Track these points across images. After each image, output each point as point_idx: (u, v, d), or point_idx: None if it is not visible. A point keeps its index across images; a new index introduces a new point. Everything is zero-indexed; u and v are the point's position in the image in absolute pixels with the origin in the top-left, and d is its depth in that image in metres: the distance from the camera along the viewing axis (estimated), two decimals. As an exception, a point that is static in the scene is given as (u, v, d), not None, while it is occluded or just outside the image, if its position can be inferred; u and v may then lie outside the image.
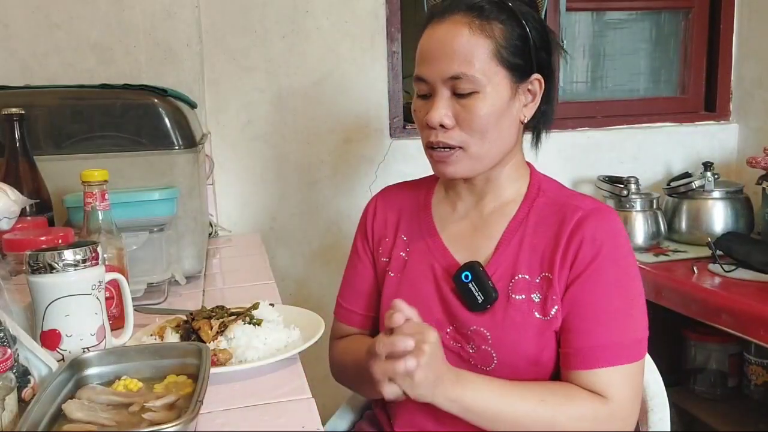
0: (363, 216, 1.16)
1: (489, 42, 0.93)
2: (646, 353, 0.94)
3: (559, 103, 2.22)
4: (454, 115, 0.94)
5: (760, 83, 2.19)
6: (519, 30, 0.94)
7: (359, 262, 1.13)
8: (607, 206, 1.00)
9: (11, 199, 0.97)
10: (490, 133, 0.95)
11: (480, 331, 0.96)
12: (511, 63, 0.94)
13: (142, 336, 0.93)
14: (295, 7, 1.89)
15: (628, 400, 0.91)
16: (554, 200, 0.99)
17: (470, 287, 0.96)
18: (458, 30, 0.93)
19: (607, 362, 0.90)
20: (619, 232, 0.96)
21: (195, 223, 1.29)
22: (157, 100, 1.24)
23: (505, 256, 0.98)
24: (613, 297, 0.92)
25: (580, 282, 0.92)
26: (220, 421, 0.73)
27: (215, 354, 0.84)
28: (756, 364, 1.97)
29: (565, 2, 2.13)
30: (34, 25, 1.66)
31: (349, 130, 1.97)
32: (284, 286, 1.35)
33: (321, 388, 0.98)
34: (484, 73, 0.92)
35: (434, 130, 0.95)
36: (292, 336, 0.91)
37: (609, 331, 0.91)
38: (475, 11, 0.94)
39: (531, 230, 0.98)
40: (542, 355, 0.94)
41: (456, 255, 1.02)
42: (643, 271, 1.79)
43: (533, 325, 0.94)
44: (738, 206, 1.96)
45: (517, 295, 0.95)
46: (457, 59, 0.92)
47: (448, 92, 0.94)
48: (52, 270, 0.77)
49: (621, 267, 0.94)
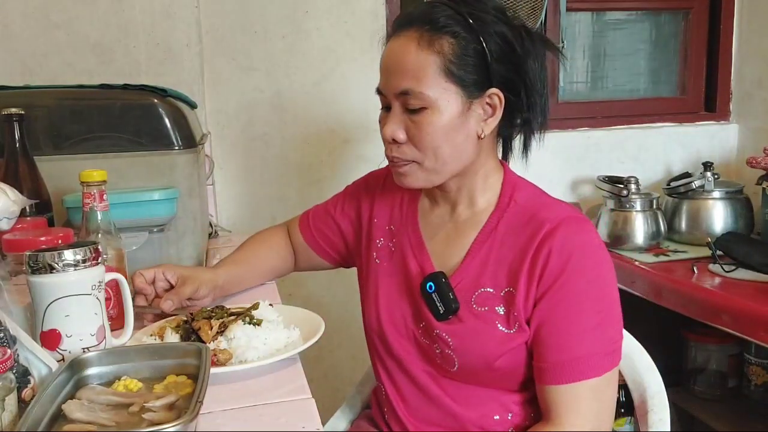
0: (365, 183, 1.18)
1: (437, 58, 0.91)
2: (617, 365, 0.92)
3: (559, 103, 2.22)
4: (406, 130, 0.94)
5: (760, 83, 2.19)
6: (474, 44, 0.91)
7: (342, 212, 1.18)
8: (579, 216, 0.96)
9: (11, 199, 0.97)
10: (442, 149, 0.94)
11: (443, 336, 0.97)
12: (462, 78, 0.91)
13: (142, 336, 0.93)
14: (295, 7, 1.89)
15: (592, 414, 0.89)
16: (525, 211, 0.97)
17: (433, 298, 0.97)
18: (407, 46, 0.92)
19: (577, 377, 0.89)
20: (588, 242, 0.93)
21: (195, 223, 1.29)
22: (157, 101, 1.24)
23: (471, 268, 0.97)
24: (584, 309, 0.90)
25: (549, 296, 0.91)
26: (220, 421, 0.73)
27: (215, 354, 0.84)
28: (756, 365, 1.97)
29: (565, 2, 2.13)
30: (34, 25, 1.66)
31: (348, 131, 1.97)
32: (284, 287, 1.35)
33: (321, 388, 0.99)
34: (433, 89, 0.91)
35: (390, 144, 0.96)
36: (292, 336, 0.91)
37: (578, 344, 0.89)
38: (428, 24, 0.92)
39: (499, 242, 0.97)
40: (503, 363, 0.94)
41: (433, 257, 1.03)
42: (643, 271, 1.79)
43: (496, 336, 0.93)
44: (738, 206, 1.96)
45: (480, 307, 0.95)
46: (406, 75, 0.92)
47: (400, 107, 0.94)
48: (52, 270, 0.77)
49: (590, 278, 0.91)
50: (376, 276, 1.08)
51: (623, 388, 2.08)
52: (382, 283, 1.07)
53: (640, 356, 1.14)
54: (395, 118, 0.94)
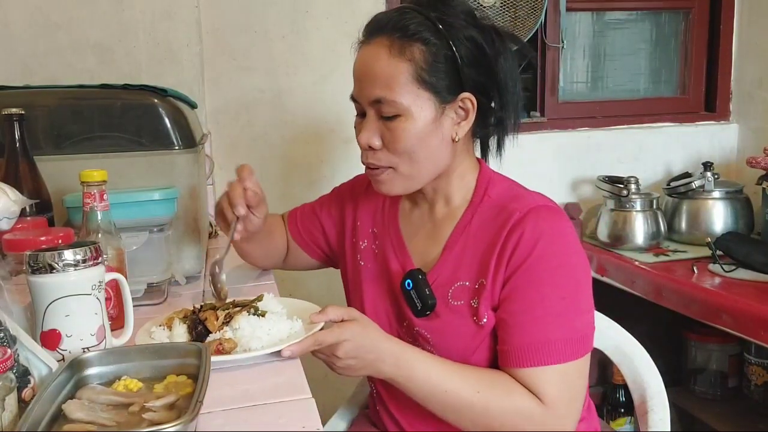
0: (351, 186, 1.20)
1: (408, 65, 0.91)
2: (585, 354, 0.92)
3: (559, 103, 2.22)
4: (381, 136, 0.95)
5: (760, 83, 2.19)
6: (444, 50, 0.92)
7: (327, 213, 1.20)
8: (551, 204, 0.97)
9: (11, 199, 0.97)
10: (418, 154, 0.94)
11: (422, 333, 0.99)
12: (434, 84, 0.92)
13: (151, 326, 0.95)
14: (295, 7, 1.89)
15: (562, 399, 0.89)
16: (497, 203, 0.98)
17: (411, 294, 0.98)
18: (378, 53, 0.93)
19: (538, 361, 0.89)
20: (558, 230, 0.93)
21: (195, 223, 1.29)
22: (157, 101, 1.24)
23: (447, 263, 0.99)
24: (546, 295, 0.90)
25: (513, 279, 0.92)
26: (220, 421, 0.73)
27: (221, 343, 0.87)
28: (756, 365, 1.97)
29: (565, 2, 2.13)
30: (35, 25, 1.66)
31: (348, 131, 1.96)
32: (284, 286, 1.35)
33: (321, 388, 0.99)
34: (405, 96, 0.92)
35: (366, 150, 0.97)
36: (294, 327, 0.93)
37: (540, 329, 0.90)
38: (399, 32, 0.92)
39: (473, 236, 0.98)
40: (480, 357, 0.95)
41: (414, 256, 1.04)
42: (643, 271, 1.79)
43: (470, 330, 0.95)
44: (738, 206, 1.96)
45: (456, 301, 0.96)
46: (378, 83, 0.92)
47: (375, 114, 0.95)
48: (52, 270, 0.77)
49: (554, 266, 0.91)
50: (361, 278, 1.10)
51: (623, 388, 2.10)
52: (367, 285, 1.08)
53: (640, 356, 1.14)
54: (370, 126, 0.96)
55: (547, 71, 2.18)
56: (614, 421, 2.14)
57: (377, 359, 0.90)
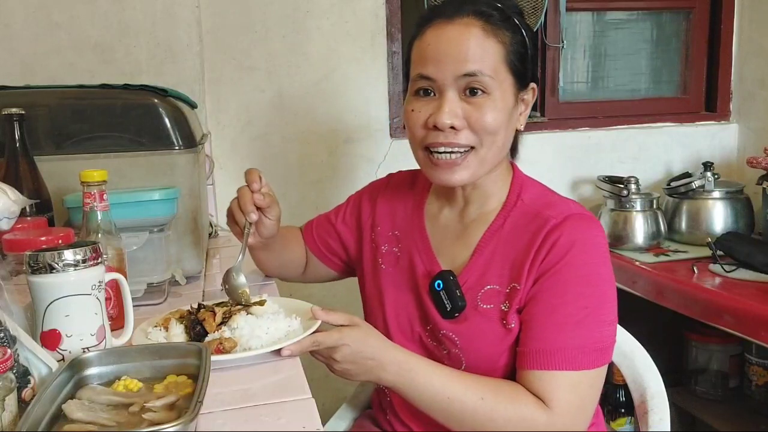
0: (368, 192, 1.18)
1: (501, 47, 0.93)
2: (601, 366, 0.91)
3: (560, 103, 2.22)
4: (464, 116, 0.93)
5: (761, 83, 2.19)
6: (521, 38, 0.95)
7: (343, 221, 1.18)
8: (585, 213, 0.96)
9: (11, 199, 0.97)
10: (500, 136, 0.95)
11: (450, 335, 0.98)
12: (518, 70, 0.95)
13: (147, 327, 0.94)
14: (295, 7, 1.89)
15: (570, 408, 0.88)
16: (531, 209, 0.98)
17: (441, 296, 0.98)
18: (471, 31, 0.92)
19: (551, 365, 0.88)
20: (590, 239, 0.93)
21: (195, 223, 1.29)
22: (158, 101, 1.24)
23: (477, 266, 0.98)
24: (568, 302, 0.90)
25: (541, 281, 0.92)
26: (220, 421, 0.73)
27: (221, 342, 0.87)
28: (757, 365, 1.97)
29: (565, 2, 2.13)
30: (35, 24, 1.66)
31: (349, 130, 1.97)
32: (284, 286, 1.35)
33: (321, 388, 0.99)
34: (496, 76, 0.92)
35: (441, 132, 0.93)
36: (293, 325, 0.93)
37: (558, 334, 0.89)
38: (483, 17, 0.93)
39: (504, 240, 0.97)
40: (507, 361, 0.94)
41: (440, 258, 1.03)
42: (643, 271, 1.79)
43: (497, 333, 0.94)
44: (738, 206, 1.96)
45: (486, 305, 0.96)
46: (472, 58, 0.91)
47: (455, 93, 0.93)
48: (52, 270, 0.77)
49: (582, 274, 0.91)
50: (382, 281, 1.08)
51: (623, 388, 2.09)
52: (388, 288, 1.07)
53: (640, 356, 1.14)
54: (451, 104, 0.92)
55: (547, 71, 2.18)
56: (614, 421, 2.13)
57: (377, 366, 0.89)
